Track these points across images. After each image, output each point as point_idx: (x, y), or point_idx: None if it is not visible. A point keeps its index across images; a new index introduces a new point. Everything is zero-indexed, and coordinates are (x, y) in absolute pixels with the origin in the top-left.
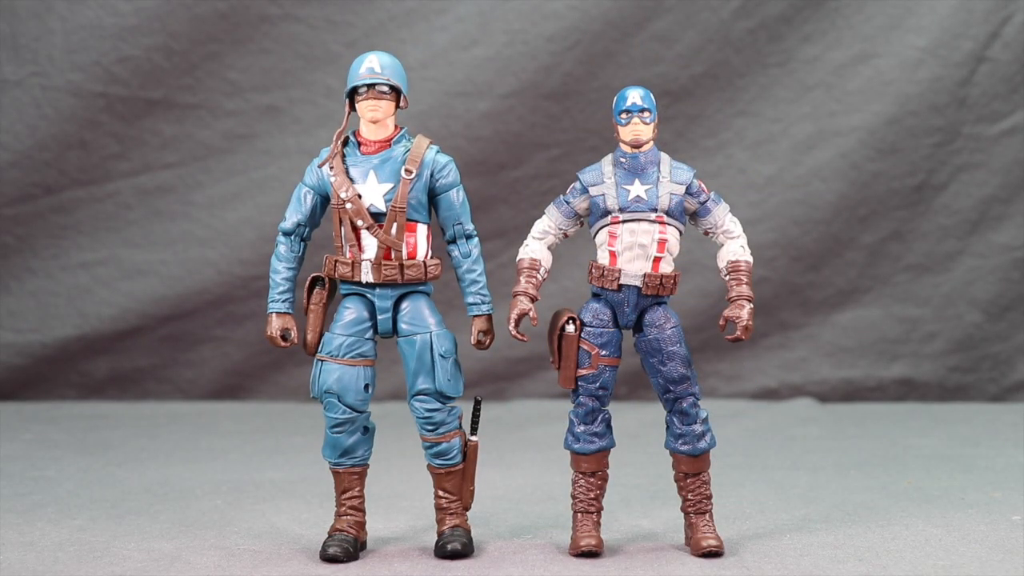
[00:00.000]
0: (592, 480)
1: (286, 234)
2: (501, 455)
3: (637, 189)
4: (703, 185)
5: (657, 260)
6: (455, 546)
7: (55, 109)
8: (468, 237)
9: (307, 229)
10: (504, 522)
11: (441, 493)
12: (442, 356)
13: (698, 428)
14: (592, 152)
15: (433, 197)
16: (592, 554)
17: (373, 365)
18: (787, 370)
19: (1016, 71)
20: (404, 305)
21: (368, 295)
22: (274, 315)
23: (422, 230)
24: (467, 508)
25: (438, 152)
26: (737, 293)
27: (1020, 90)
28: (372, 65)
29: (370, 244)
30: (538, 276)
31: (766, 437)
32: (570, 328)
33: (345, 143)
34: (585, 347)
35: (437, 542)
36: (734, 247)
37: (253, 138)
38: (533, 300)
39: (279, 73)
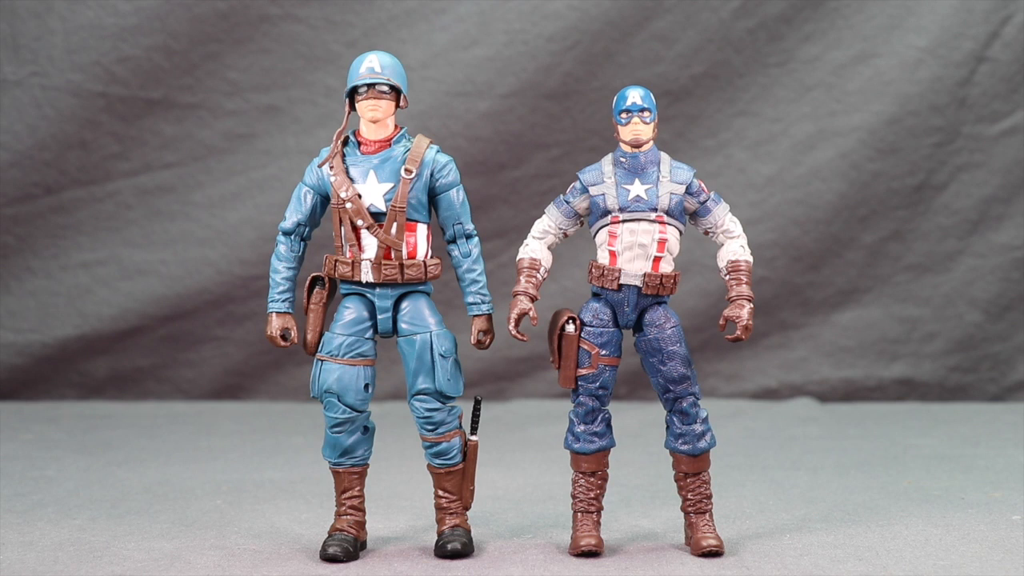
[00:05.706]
0: (592, 480)
1: (286, 234)
2: (501, 455)
3: (637, 189)
4: (703, 185)
5: (657, 260)
6: (455, 546)
7: (55, 109)
8: (468, 237)
9: (307, 229)
10: (504, 522)
11: (441, 493)
12: (442, 356)
13: (698, 428)
14: (592, 152)
15: (433, 197)
16: (592, 554)
17: (373, 365)
18: (787, 370)
19: (1016, 71)
20: (404, 305)
21: (368, 295)
22: (274, 315)
23: (422, 230)
24: (467, 508)
25: (438, 152)
26: (737, 293)
27: (1020, 90)
28: (372, 65)
29: (370, 244)
30: (538, 276)
31: (766, 437)
32: (570, 328)
33: (345, 143)
34: (585, 347)
35: (437, 542)
36: (734, 247)
37: (253, 138)
38: (533, 300)
39: (279, 73)
